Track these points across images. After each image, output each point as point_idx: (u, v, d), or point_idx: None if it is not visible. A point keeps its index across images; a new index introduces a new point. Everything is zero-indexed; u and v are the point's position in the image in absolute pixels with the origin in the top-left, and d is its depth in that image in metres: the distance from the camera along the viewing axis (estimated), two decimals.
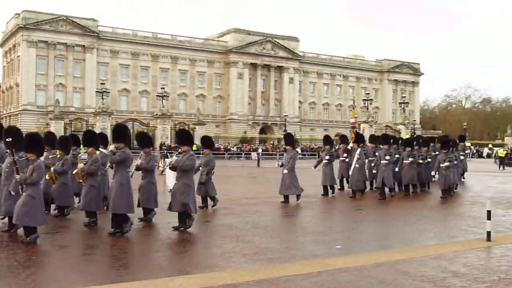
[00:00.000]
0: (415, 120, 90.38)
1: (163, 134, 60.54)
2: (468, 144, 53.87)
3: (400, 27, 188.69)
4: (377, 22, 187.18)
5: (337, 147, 26.74)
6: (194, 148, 56.13)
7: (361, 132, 61.80)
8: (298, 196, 15.58)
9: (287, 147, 16.41)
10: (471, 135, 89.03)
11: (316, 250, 9.11)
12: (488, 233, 9.72)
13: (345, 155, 18.36)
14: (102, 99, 59.46)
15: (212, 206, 13.98)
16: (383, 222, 12.66)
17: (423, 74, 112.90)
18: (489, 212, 9.74)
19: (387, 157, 16.69)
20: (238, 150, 62.05)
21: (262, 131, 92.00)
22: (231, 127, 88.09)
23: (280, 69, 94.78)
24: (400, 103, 78.31)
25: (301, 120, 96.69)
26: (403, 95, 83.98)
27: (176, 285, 6.56)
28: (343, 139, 19.68)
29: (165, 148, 54.18)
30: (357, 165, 17.29)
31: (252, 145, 66.13)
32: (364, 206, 15.33)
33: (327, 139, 19.19)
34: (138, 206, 11.38)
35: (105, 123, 57.46)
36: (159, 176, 24.39)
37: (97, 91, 63.42)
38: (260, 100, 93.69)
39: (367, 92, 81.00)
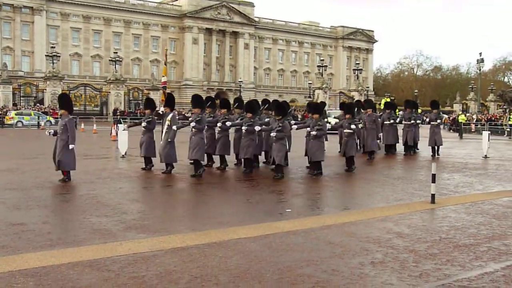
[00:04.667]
0: (368, 87, 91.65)
1: (117, 99, 59.49)
2: (419, 110, 54.94)
3: None
4: None
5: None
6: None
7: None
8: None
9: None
10: (422, 102, 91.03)
11: (266, 213, 9.24)
12: (433, 196, 10.06)
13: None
14: (53, 63, 57.89)
15: None
16: (332, 186, 12.87)
17: (377, 41, 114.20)
18: (434, 176, 10.03)
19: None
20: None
21: (217, 96, 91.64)
22: (185, 93, 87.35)
23: (235, 34, 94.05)
24: (354, 69, 79.19)
25: (256, 86, 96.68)
26: (357, 62, 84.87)
27: (126, 249, 6.54)
28: (148, 103, 15.73)
29: (118, 113, 53.40)
30: (167, 135, 13.58)
31: None
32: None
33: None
34: None
35: (56, 88, 56.05)
36: (112, 141, 24.14)
37: (47, 55, 61.66)
38: (215, 65, 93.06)
39: (321, 58, 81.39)
